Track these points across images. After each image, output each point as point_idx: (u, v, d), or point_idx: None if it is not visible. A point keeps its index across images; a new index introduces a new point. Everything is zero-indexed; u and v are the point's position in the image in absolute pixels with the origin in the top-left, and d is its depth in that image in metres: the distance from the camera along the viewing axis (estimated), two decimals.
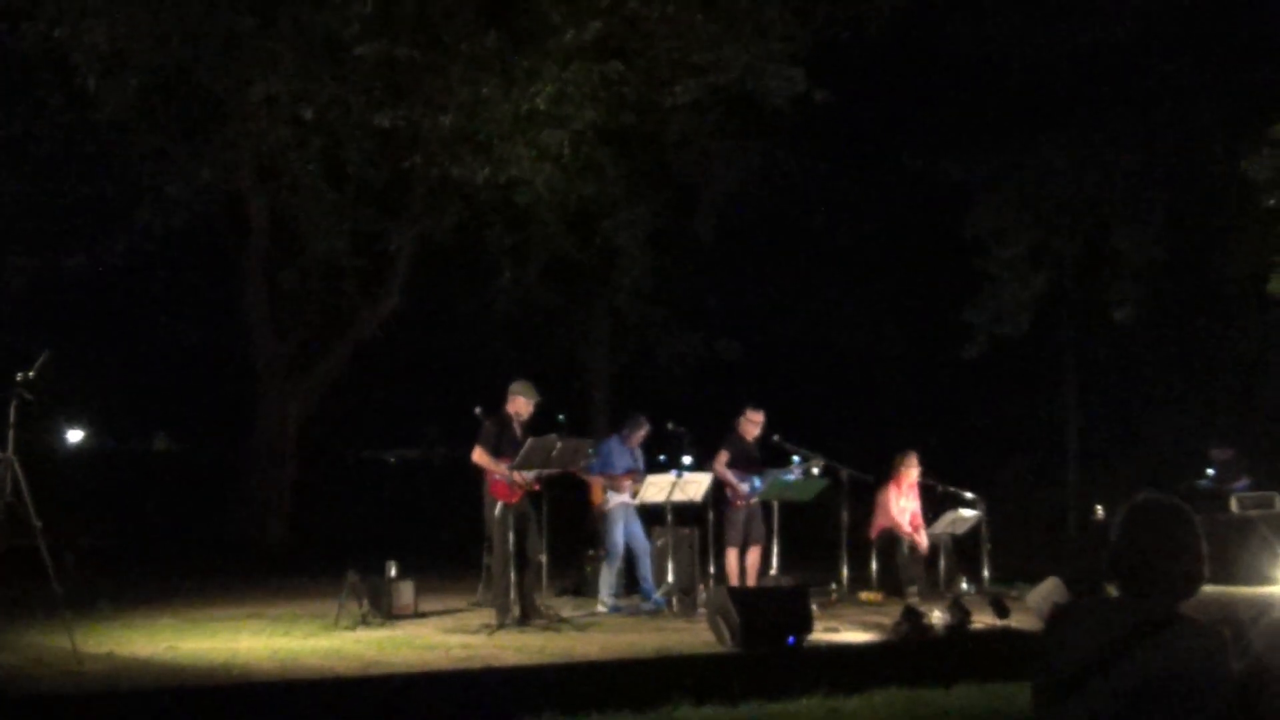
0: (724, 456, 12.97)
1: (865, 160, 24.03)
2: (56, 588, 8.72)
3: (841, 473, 13.17)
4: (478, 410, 11.10)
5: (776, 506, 12.99)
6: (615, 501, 12.43)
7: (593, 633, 10.63)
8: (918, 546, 13.92)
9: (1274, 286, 17.65)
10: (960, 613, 10.57)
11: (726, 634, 9.63)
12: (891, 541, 13.85)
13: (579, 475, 12.35)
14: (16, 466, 8.63)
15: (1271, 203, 17.50)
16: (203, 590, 13.67)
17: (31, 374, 8.73)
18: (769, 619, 9.72)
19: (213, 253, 21.23)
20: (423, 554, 16.15)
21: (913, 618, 10.33)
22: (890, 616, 11.09)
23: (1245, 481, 16.20)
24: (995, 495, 15.18)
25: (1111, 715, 3.27)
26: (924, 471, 14.30)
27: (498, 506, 10.97)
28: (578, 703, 8.26)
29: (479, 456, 11.08)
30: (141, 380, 28.20)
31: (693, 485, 12.19)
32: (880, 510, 14.14)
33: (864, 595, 13.30)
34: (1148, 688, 3.27)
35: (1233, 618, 7.82)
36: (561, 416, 11.59)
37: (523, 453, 10.63)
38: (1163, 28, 19.79)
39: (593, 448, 12.11)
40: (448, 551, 16.91)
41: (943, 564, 14.16)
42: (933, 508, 14.67)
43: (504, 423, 11.24)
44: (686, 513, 12.99)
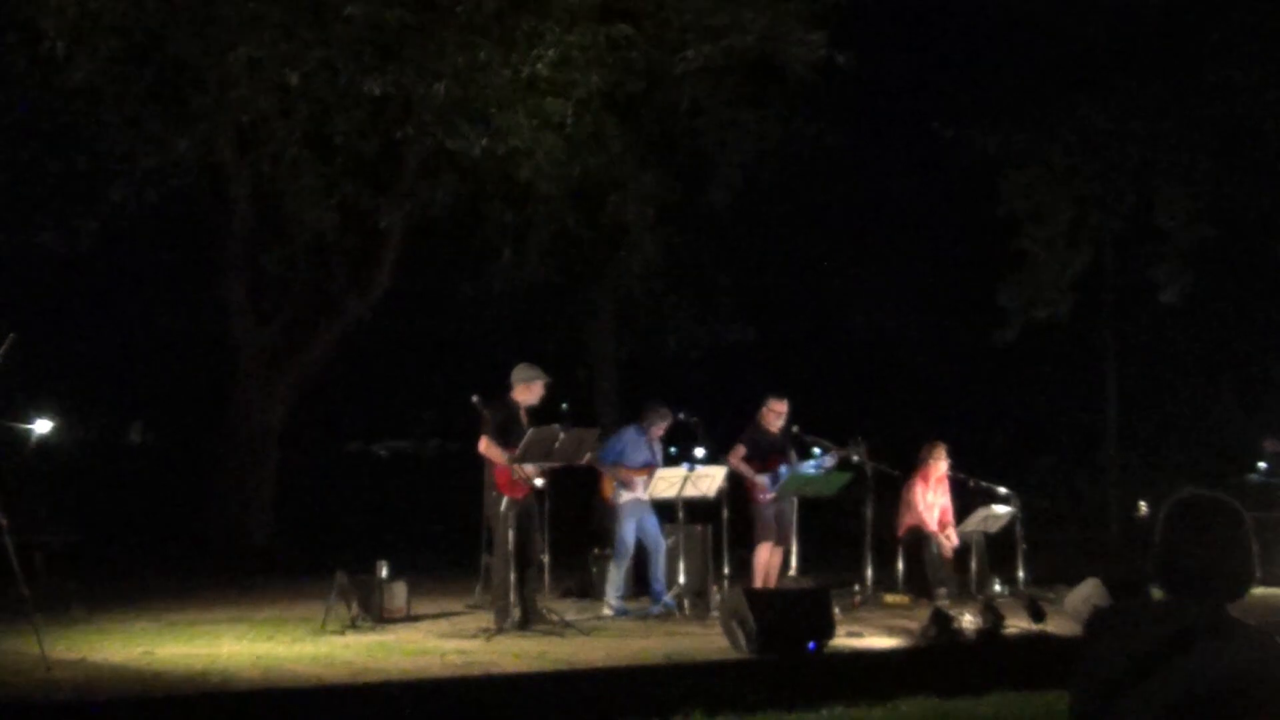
0: (740, 450, 12.98)
1: (891, 130, 23.99)
2: (24, 590, 8.74)
3: (866, 466, 13.18)
4: (475, 399, 11.11)
5: (796, 502, 13.01)
6: (628, 497, 12.43)
7: (598, 638, 10.65)
8: (947, 545, 13.93)
9: None
10: (993, 616, 10.58)
11: (742, 639, 9.64)
12: (919, 540, 13.86)
13: (594, 466, 12.36)
14: None
15: None
16: (181, 592, 13.70)
17: None
18: (788, 623, 9.73)
19: (191, 231, 21.22)
20: (416, 553, 16.18)
21: (942, 622, 10.34)
22: (918, 620, 11.10)
23: None
24: (1030, 490, 15.21)
25: None
26: (954, 465, 14.31)
27: (502, 501, 10.99)
28: (581, 713, 8.28)
29: (486, 446, 11.07)
30: (115, 368, 28.24)
31: (706, 480, 12.20)
32: (907, 506, 14.15)
33: (889, 598, 13.31)
34: (1193, 697, 3.27)
35: None
36: (565, 405, 11.61)
37: (523, 444, 10.65)
38: None
39: (599, 439, 12.11)
40: (443, 550, 16.94)
41: (974, 564, 14.17)
42: (963, 504, 14.68)
43: (510, 410, 11.26)
44: (699, 509, 13.01)
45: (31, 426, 10.36)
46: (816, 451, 13.31)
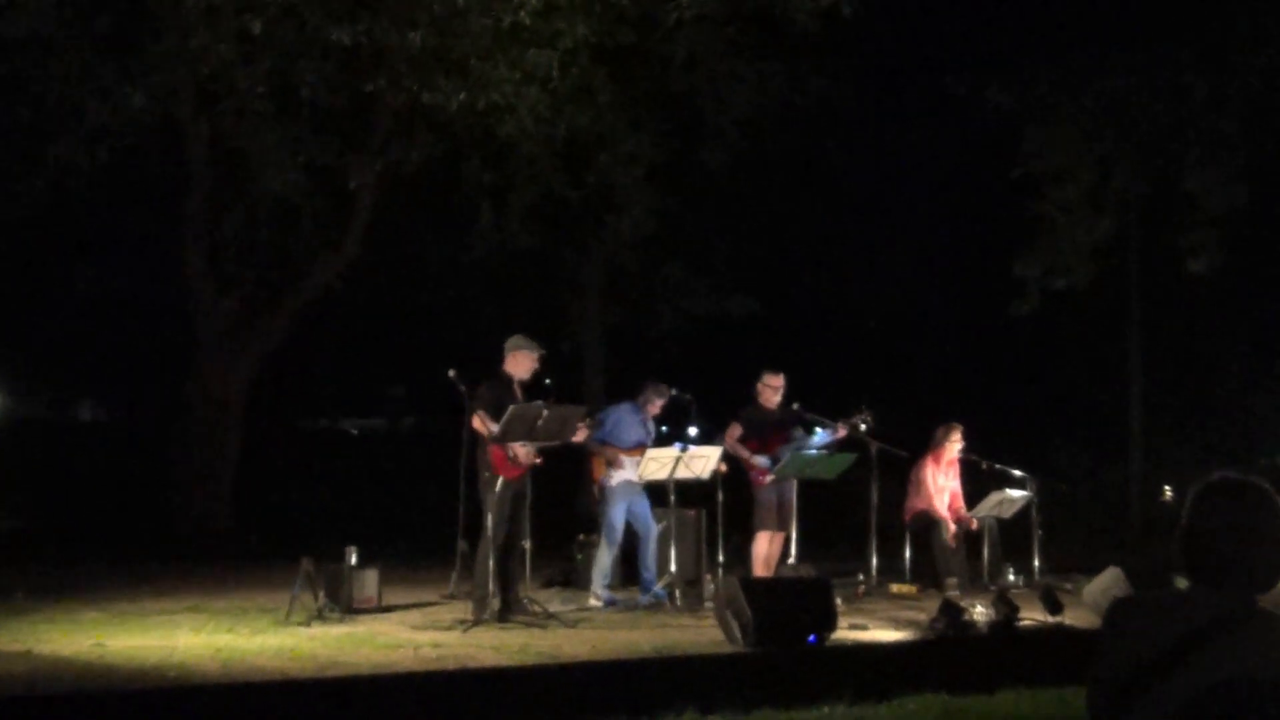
0: (735, 429, 12.98)
1: (901, 86, 23.99)
2: None
3: (871, 447, 13.18)
4: (452, 373, 11.10)
5: (796, 486, 13.01)
6: (619, 479, 12.43)
7: (583, 630, 10.65)
8: (958, 531, 13.94)
9: None
10: (1006, 608, 10.60)
11: (737, 632, 9.66)
12: (928, 526, 13.87)
13: (583, 445, 12.36)
14: None
15: None
16: (135, 580, 13.67)
17: None
18: (786, 615, 9.74)
19: (146, 192, 21.15)
20: (388, 538, 16.18)
21: (952, 614, 10.35)
22: (926, 612, 11.12)
23: None
24: (1047, 473, 15.20)
25: None
26: (966, 446, 14.31)
27: (498, 482, 10.98)
28: (565, 710, 8.29)
29: (480, 423, 11.07)
30: (63, 340, 28.19)
31: (699, 461, 12.19)
32: (916, 490, 14.16)
33: (896, 588, 13.33)
34: (1221, 692, 3.27)
35: None
36: (548, 381, 11.57)
37: (504, 422, 10.64)
38: None
39: (587, 416, 12.10)
40: (416, 536, 16.94)
41: (986, 552, 14.19)
42: (976, 487, 14.68)
43: (504, 385, 11.26)
44: (692, 493, 13.00)
45: None
46: (819, 431, 13.30)
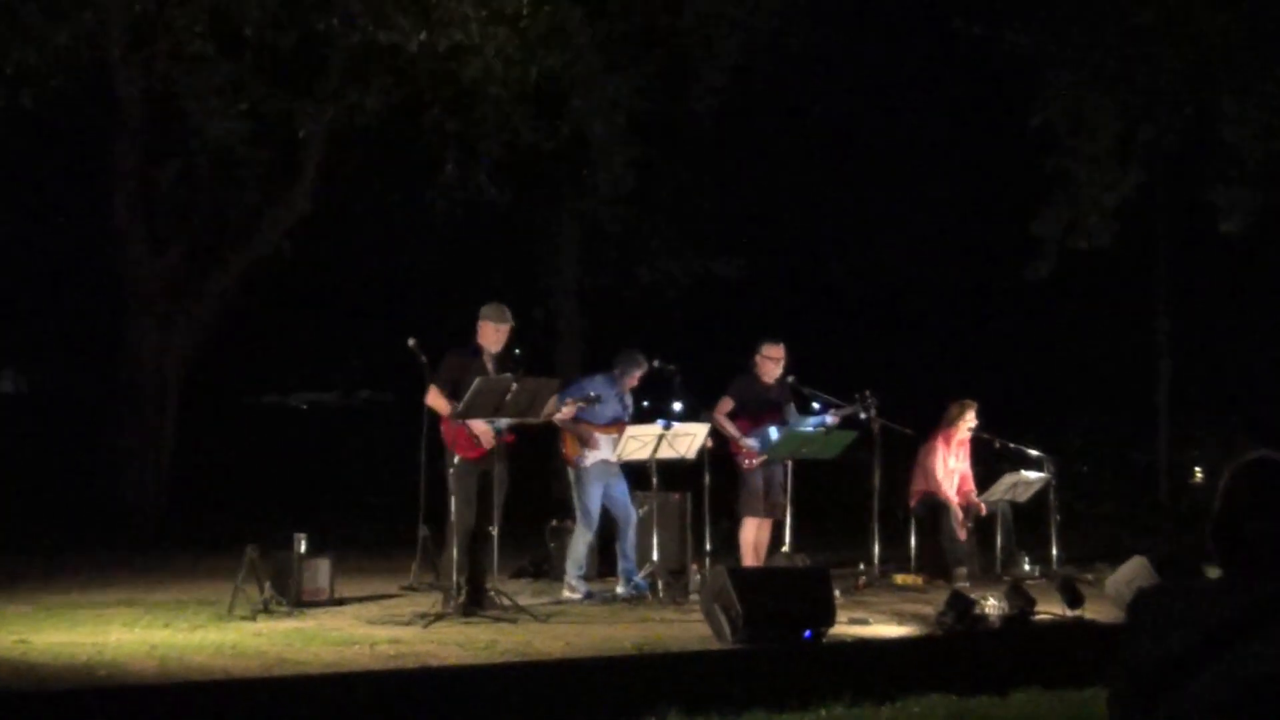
0: (726, 404, 13.00)
1: (907, 26, 23.88)
2: None
3: (874, 424, 13.20)
4: (412, 342, 11.07)
5: (790, 467, 13.03)
6: (594, 458, 12.42)
7: (556, 624, 10.67)
8: (968, 516, 13.98)
9: None
10: (1021, 600, 10.64)
11: (726, 627, 9.67)
12: (935, 511, 13.91)
13: (559, 423, 12.34)
14: None
15: None
16: (62, 570, 13.67)
17: None
18: (780, 608, 9.76)
19: (74, 142, 21.04)
20: (342, 524, 16.20)
21: (961, 607, 10.38)
22: (933, 605, 11.16)
23: None
24: (1067, 453, 15.27)
25: None
26: (979, 424, 14.32)
27: (455, 461, 11.00)
28: (537, 712, 8.30)
29: (433, 398, 11.09)
30: None
31: (685, 439, 12.19)
32: (922, 471, 14.19)
33: (900, 578, 13.39)
34: (1257, 690, 3.28)
35: None
36: (518, 351, 11.54)
37: (468, 397, 10.63)
38: None
39: (561, 391, 12.09)
40: (374, 521, 16.95)
41: (999, 539, 14.23)
42: (988, 468, 14.73)
43: (470, 356, 11.25)
44: (677, 474, 13.00)
45: None
46: (815, 406, 13.32)
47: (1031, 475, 14.38)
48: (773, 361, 13.13)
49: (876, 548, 13.29)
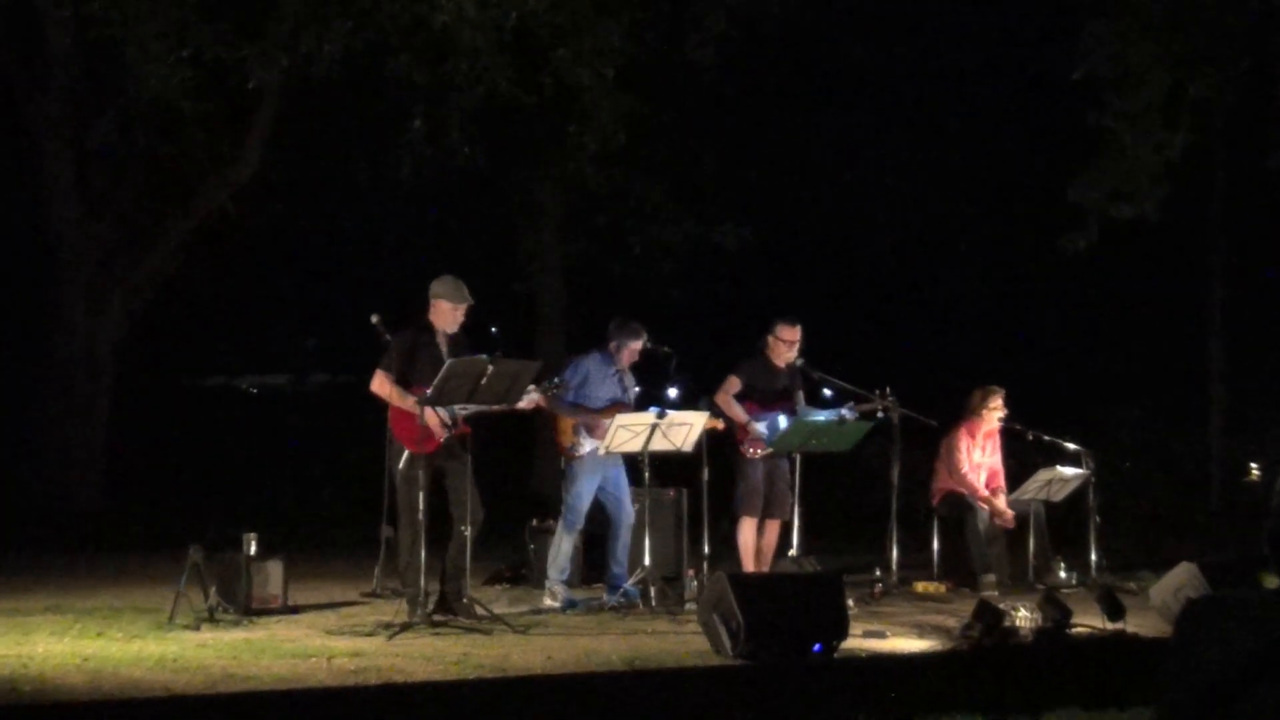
0: (733, 384, 12.97)
1: None
2: None
3: (892, 414, 13.20)
4: (375, 319, 11.03)
5: (799, 461, 13.03)
6: (590, 447, 12.40)
7: (536, 636, 10.67)
8: (998, 518, 13.99)
9: None
10: (1056, 611, 10.64)
11: (726, 639, 9.68)
12: (961, 511, 13.91)
13: (547, 409, 12.33)
14: None
15: None
16: None
17: None
18: (786, 619, 9.76)
19: None
20: (296, 523, 16.18)
21: (989, 618, 10.39)
22: (958, 616, 11.17)
23: None
24: (1108, 447, 15.27)
25: None
26: (1009, 413, 14.33)
27: (403, 456, 11.00)
28: None
29: (379, 385, 11.07)
30: None
31: (680, 429, 12.17)
32: (946, 467, 14.19)
33: (921, 586, 13.38)
34: None
35: None
36: (494, 330, 11.54)
37: (438, 381, 10.60)
38: None
39: (551, 377, 12.05)
40: (332, 519, 16.95)
41: (1033, 543, 14.22)
42: (1020, 464, 14.73)
43: (421, 338, 11.22)
44: (672, 469, 12.99)
45: None
46: (828, 394, 13.31)
47: (1068, 471, 14.36)
48: (787, 344, 13.10)
49: (895, 552, 13.29)
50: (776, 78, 23.93)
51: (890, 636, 10.75)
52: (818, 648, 9.71)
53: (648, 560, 12.32)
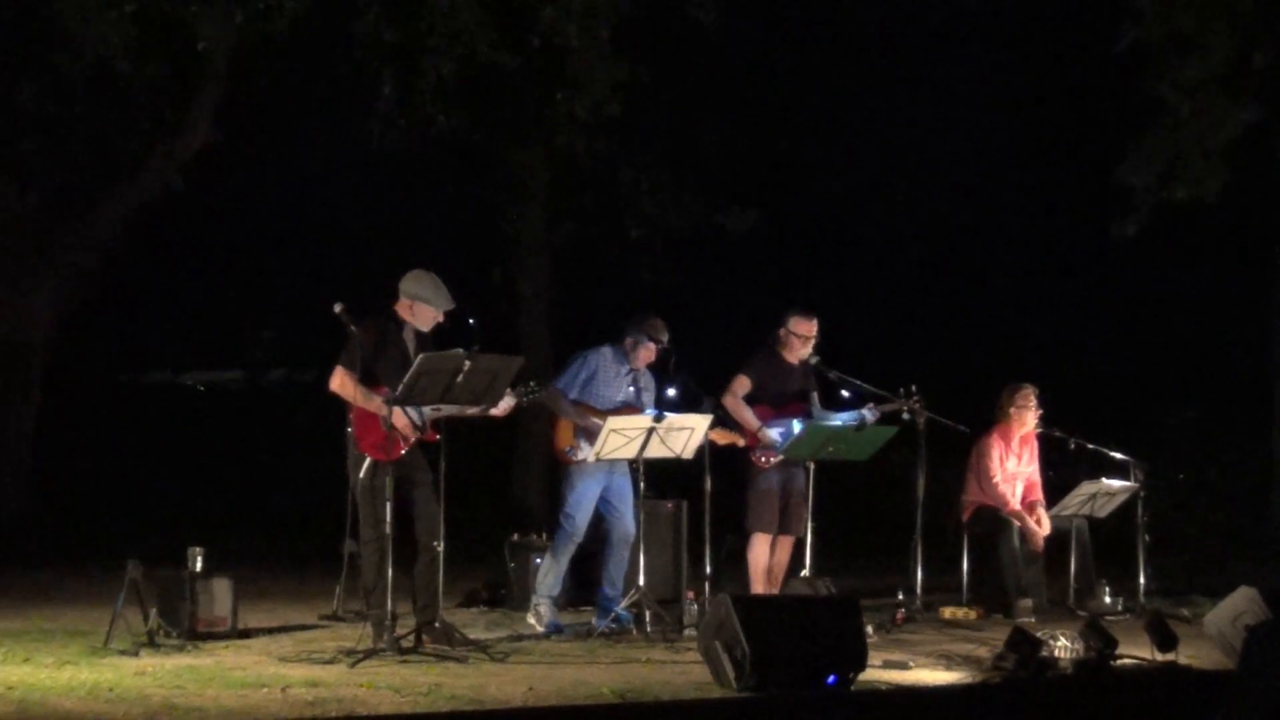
0: (743, 385, 12.94)
1: None
2: None
3: (918, 417, 13.18)
4: (338, 308, 10.99)
5: (813, 471, 13.01)
6: (588, 453, 12.35)
7: (517, 664, 10.65)
8: (1035, 535, 13.98)
9: None
10: (1100, 641, 10.64)
11: (729, 670, 9.66)
12: (994, 527, 13.90)
13: (546, 404, 12.31)
14: None
15: None
16: None
17: None
18: (797, 647, 9.75)
19: None
20: (248, 536, 16.16)
21: (1025, 647, 10.38)
22: (990, 645, 11.16)
23: None
24: (1160, 456, 15.24)
25: None
26: (1047, 418, 14.32)
27: (364, 464, 10.97)
28: None
29: (339, 383, 11.04)
30: None
31: (680, 434, 12.16)
32: (976, 477, 14.18)
33: (949, 611, 13.39)
34: None
35: None
36: (472, 321, 11.50)
37: (408, 378, 10.57)
38: None
39: (527, 379, 12.01)
40: (287, 533, 16.93)
41: (1074, 564, 14.24)
42: (1061, 475, 14.72)
43: (388, 332, 11.19)
44: (671, 479, 12.98)
45: None
46: (846, 395, 13.30)
47: (1115, 484, 14.37)
48: (801, 340, 13.07)
49: (919, 573, 13.29)
50: (788, 41, 23.94)
51: (914, 667, 10.74)
52: (832, 680, 9.70)
53: (642, 580, 12.33)
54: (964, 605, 13.54)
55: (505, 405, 11.50)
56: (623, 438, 12.00)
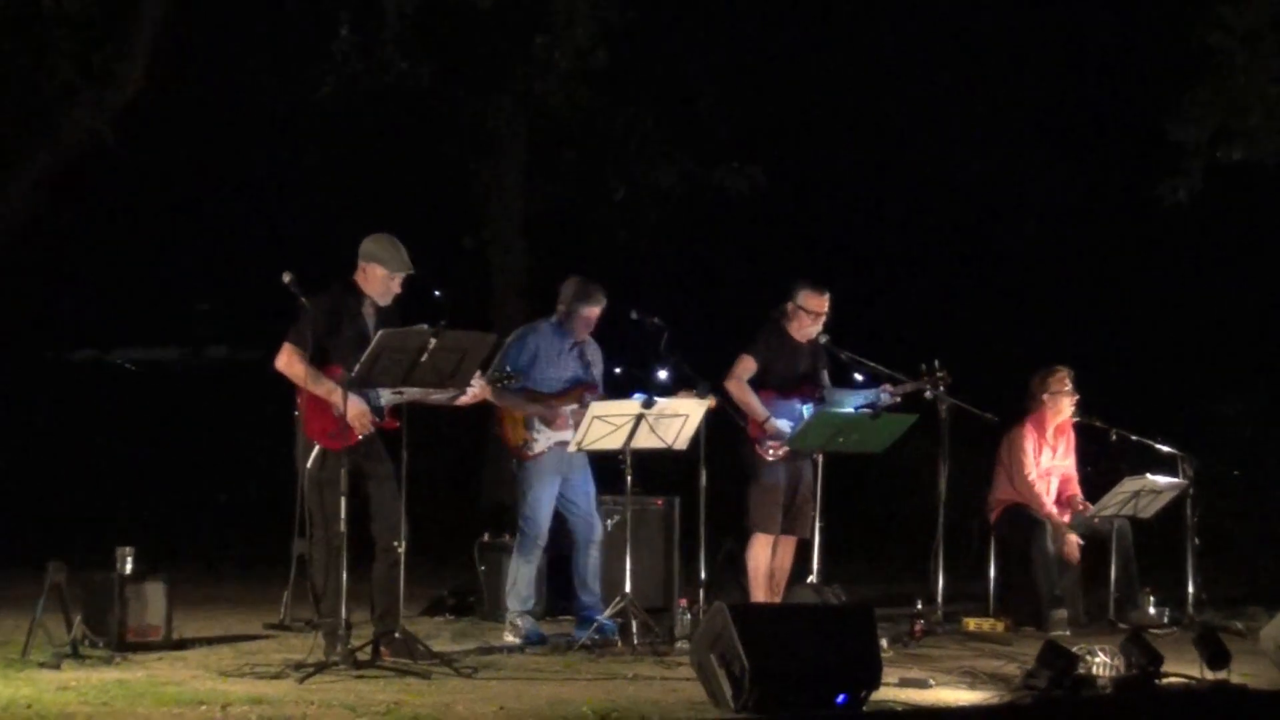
0: (748, 366, 12.93)
1: None
2: None
3: (941, 406, 13.18)
4: (287, 278, 10.98)
5: (821, 464, 13.02)
6: (546, 444, 12.38)
7: (488, 680, 10.67)
8: (1070, 539, 14.00)
9: None
10: (1143, 656, 10.65)
11: (726, 687, 9.67)
12: (1025, 529, 13.92)
13: (491, 400, 12.30)
14: None
15: None
16: None
17: None
18: (803, 661, 9.76)
19: None
20: (184, 534, 16.16)
21: (1059, 664, 10.39)
22: (1020, 661, 11.18)
23: None
24: (1211, 450, 15.24)
25: None
26: (1084, 406, 14.33)
27: (312, 453, 10.98)
28: None
29: (287, 362, 11.02)
30: None
31: (672, 422, 12.17)
32: (1006, 472, 14.20)
33: (973, 623, 13.41)
34: None
35: None
36: (438, 294, 11.48)
37: (367, 356, 10.56)
38: None
39: (503, 363, 12.03)
40: (229, 531, 16.93)
41: (1115, 571, 14.26)
42: (1101, 471, 14.73)
43: (344, 305, 11.17)
44: (662, 472, 12.99)
45: None
46: (858, 379, 13.31)
47: (1161, 480, 14.37)
48: (811, 316, 13.05)
49: (941, 579, 13.31)
50: None
51: (934, 686, 10.77)
52: (842, 699, 9.71)
53: (629, 586, 12.34)
54: (990, 616, 13.56)
55: (473, 393, 11.50)
56: (608, 425, 12.00)
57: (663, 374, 13.36)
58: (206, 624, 12.34)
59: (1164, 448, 14.45)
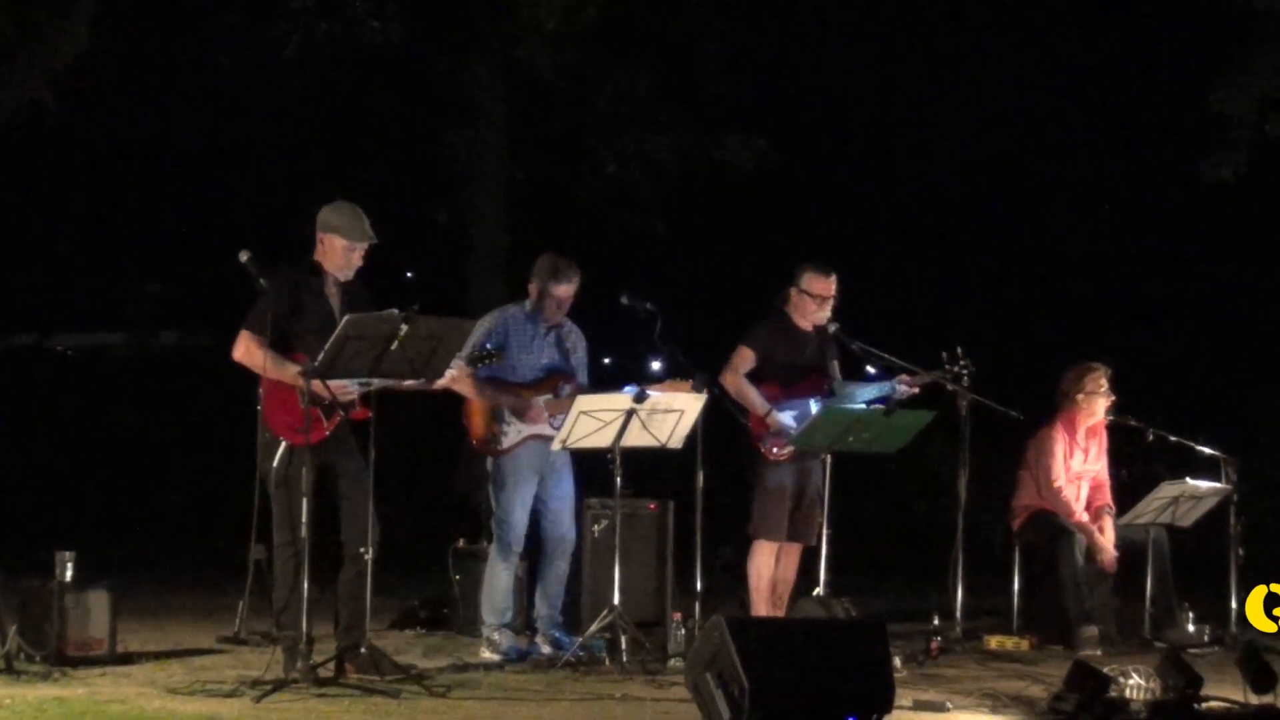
0: (746, 359, 12.92)
1: None
2: None
3: (962, 401, 13.18)
4: (244, 257, 10.98)
5: (829, 465, 13.02)
6: (516, 437, 12.38)
7: (461, 699, 10.67)
8: (1097, 555, 14.01)
9: None
10: (1181, 678, 10.66)
11: (724, 709, 9.68)
12: (1053, 538, 13.93)
13: (458, 390, 12.29)
14: None
15: None
16: None
17: None
18: (808, 681, 9.77)
19: None
20: (130, 538, 16.15)
21: (1090, 686, 10.41)
22: (1047, 682, 11.19)
23: None
24: (1257, 452, 15.23)
25: None
26: (1119, 404, 14.33)
27: (279, 449, 10.97)
28: None
29: (245, 350, 11.01)
30: None
31: (666, 418, 12.16)
32: (1035, 478, 14.20)
33: (995, 640, 13.42)
34: None
35: None
36: (410, 274, 11.49)
37: (331, 344, 10.55)
38: None
39: (489, 347, 12.03)
40: (178, 535, 16.93)
41: (1151, 584, 14.26)
42: (1135, 474, 14.73)
43: (307, 286, 11.16)
44: (654, 472, 12.99)
45: None
46: (871, 371, 13.31)
47: (1201, 485, 14.37)
48: (816, 301, 13.02)
49: (960, 592, 13.32)
50: None
51: (952, 709, 10.77)
52: None
53: (617, 598, 12.33)
54: (1014, 633, 13.56)
55: (450, 375, 11.49)
56: (595, 421, 11.97)
57: (656, 365, 13.38)
58: (154, 636, 12.34)
59: (1205, 449, 14.45)
